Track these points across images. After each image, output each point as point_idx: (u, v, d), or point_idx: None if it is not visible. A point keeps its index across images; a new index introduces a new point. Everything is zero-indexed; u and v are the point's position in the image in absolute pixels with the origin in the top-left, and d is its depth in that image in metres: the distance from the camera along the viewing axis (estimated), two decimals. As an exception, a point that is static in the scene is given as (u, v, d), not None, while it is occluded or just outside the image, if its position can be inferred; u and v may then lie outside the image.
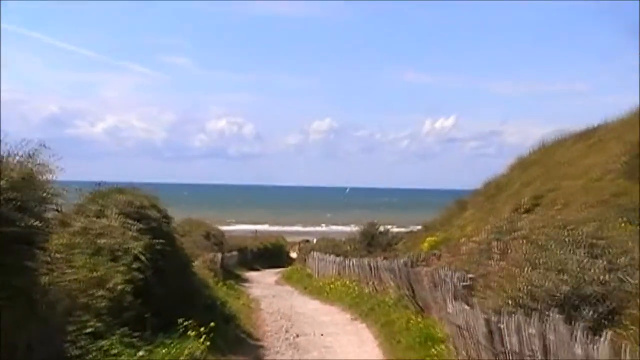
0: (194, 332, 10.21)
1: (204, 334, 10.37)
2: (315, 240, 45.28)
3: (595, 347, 5.70)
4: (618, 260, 7.79)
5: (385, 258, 20.85)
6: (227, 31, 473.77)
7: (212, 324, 10.82)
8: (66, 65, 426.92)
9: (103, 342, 8.12)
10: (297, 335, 15.86)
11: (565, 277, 7.59)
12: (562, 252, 8.34)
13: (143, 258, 10.18)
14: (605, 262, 7.74)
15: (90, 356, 7.77)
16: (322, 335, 15.92)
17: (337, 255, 28.84)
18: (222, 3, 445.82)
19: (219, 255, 28.77)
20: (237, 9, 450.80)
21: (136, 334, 8.89)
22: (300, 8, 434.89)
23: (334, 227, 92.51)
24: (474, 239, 12.17)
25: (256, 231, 58.60)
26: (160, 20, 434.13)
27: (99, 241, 10.06)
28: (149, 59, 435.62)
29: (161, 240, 11.14)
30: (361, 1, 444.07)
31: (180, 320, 10.11)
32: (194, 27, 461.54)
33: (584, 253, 8.07)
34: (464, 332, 9.05)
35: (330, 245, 35.24)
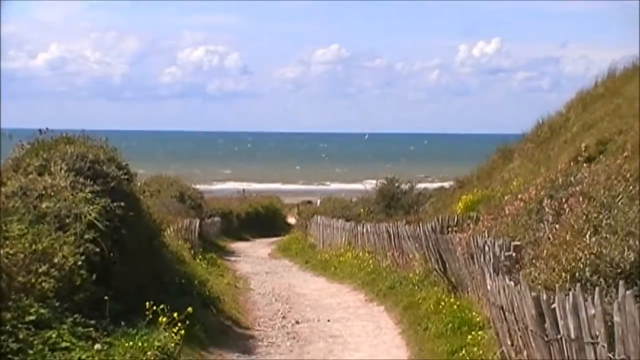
0: (165, 320, 10.29)
1: (178, 321, 10.45)
2: (319, 202, 45.36)
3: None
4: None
5: (408, 223, 20.92)
6: None
7: (188, 309, 10.89)
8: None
9: (49, 333, 8.20)
10: (297, 322, 16.02)
11: (634, 242, 7.61)
12: (632, 211, 8.36)
13: (99, 226, 10.23)
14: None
15: (33, 350, 7.83)
16: (328, 321, 16.08)
17: (348, 220, 28.94)
18: None
19: (197, 221, 28.87)
20: None
21: (92, 322, 8.97)
22: None
23: (343, 185, 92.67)
24: (521, 196, 12.20)
25: (244, 191, 58.77)
26: None
27: (41, 205, 10.11)
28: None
29: (122, 204, 11.18)
30: None
31: (147, 305, 10.18)
32: None
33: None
34: (508, 314, 9.13)
35: (338, 208, 35.34)
